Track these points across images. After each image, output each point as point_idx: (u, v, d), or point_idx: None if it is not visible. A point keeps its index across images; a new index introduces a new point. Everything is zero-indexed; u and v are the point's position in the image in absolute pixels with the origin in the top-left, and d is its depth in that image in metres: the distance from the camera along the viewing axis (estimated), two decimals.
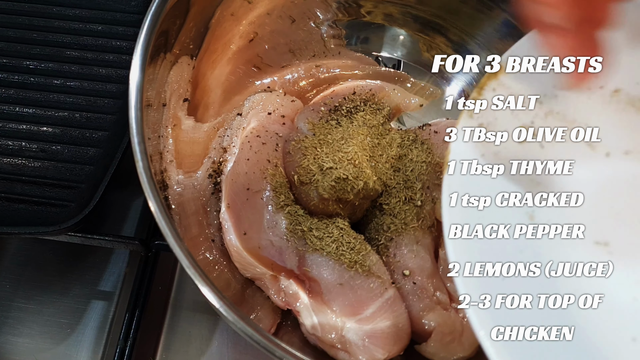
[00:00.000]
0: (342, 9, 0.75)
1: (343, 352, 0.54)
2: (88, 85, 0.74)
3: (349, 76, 0.74)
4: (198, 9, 0.62)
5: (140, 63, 0.52)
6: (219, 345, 0.68)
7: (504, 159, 0.41)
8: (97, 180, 0.64)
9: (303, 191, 0.58)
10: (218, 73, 0.68)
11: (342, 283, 0.54)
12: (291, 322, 0.59)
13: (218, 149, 0.63)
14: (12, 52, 0.77)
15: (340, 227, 0.58)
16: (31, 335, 0.67)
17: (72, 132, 0.71)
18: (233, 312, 0.44)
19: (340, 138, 0.60)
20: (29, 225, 0.63)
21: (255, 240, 0.56)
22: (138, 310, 0.65)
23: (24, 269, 0.72)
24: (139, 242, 0.66)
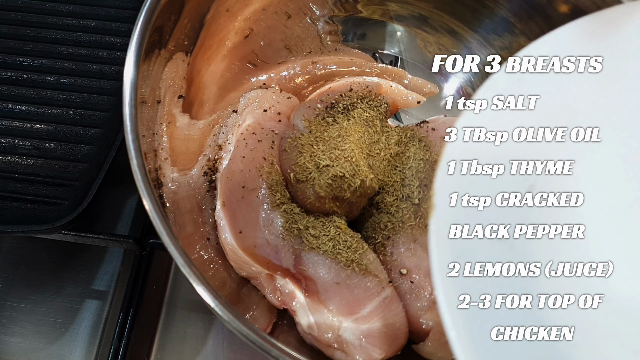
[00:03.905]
0: (338, 4, 0.75)
1: (340, 352, 0.54)
2: (82, 82, 0.74)
3: (345, 73, 0.74)
4: (193, 5, 0.61)
5: (134, 59, 0.52)
6: (214, 345, 0.68)
7: (505, 159, 0.41)
8: (90, 178, 0.64)
9: (299, 189, 0.58)
10: (213, 70, 0.68)
11: (339, 282, 0.54)
12: (287, 321, 0.59)
13: (213, 146, 0.63)
14: (5, 48, 0.76)
15: (336, 225, 0.58)
16: (24, 335, 0.67)
17: (66, 130, 0.70)
18: (228, 311, 0.44)
19: (336, 135, 0.60)
20: (22, 223, 0.62)
21: (250, 238, 0.56)
22: (132, 309, 0.65)
23: (17, 267, 0.71)
24: (133, 241, 0.66)
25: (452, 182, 0.40)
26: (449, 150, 0.41)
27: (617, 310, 0.39)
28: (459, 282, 0.37)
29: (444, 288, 0.37)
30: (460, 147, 0.42)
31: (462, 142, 0.42)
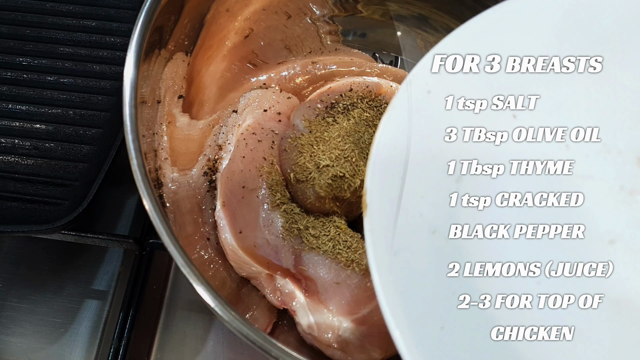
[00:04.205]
0: (338, 4, 0.75)
1: (340, 352, 0.54)
2: (82, 82, 0.74)
3: (345, 73, 0.74)
4: (193, 5, 0.61)
5: (134, 59, 0.52)
6: (214, 345, 0.67)
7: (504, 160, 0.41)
8: (90, 178, 0.64)
9: (299, 189, 0.58)
10: (213, 70, 0.68)
11: (339, 282, 0.54)
12: (287, 321, 0.59)
13: (213, 146, 0.63)
14: (5, 48, 0.76)
15: (337, 225, 0.58)
16: (24, 335, 0.67)
17: (66, 130, 0.70)
18: (228, 311, 0.44)
19: (336, 135, 0.59)
20: (22, 223, 0.62)
21: (250, 238, 0.56)
22: (132, 309, 0.65)
23: (17, 267, 0.71)
24: (133, 241, 0.66)
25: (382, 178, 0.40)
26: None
27: (617, 310, 0.39)
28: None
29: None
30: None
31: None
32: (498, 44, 0.45)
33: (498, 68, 0.44)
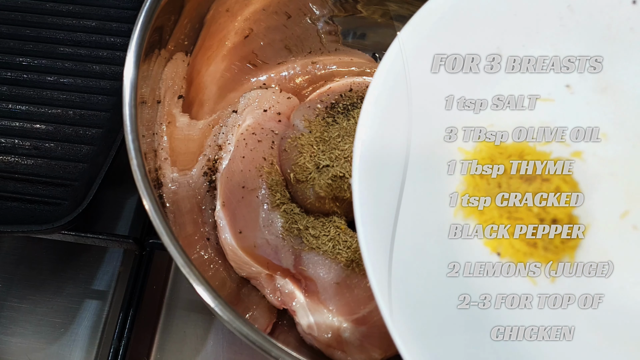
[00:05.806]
0: (338, 4, 0.75)
1: (339, 352, 0.54)
2: (82, 82, 0.74)
3: (345, 73, 0.74)
4: (193, 5, 0.61)
5: (134, 59, 0.52)
6: (214, 345, 0.67)
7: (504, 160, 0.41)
8: (90, 178, 0.64)
9: (299, 189, 0.58)
10: (213, 70, 0.68)
11: (339, 282, 0.54)
12: (287, 321, 0.59)
13: (213, 146, 0.63)
14: (5, 48, 0.76)
15: (336, 225, 0.58)
16: (24, 335, 0.67)
17: (66, 130, 0.70)
18: (228, 311, 0.44)
19: (336, 135, 0.60)
20: (22, 223, 0.62)
21: (250, 238, 0.56)
22: (132, 309, 0.64)
23: (17, 267, 0.71)
24: (133, 241, 0.66)
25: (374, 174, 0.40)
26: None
27: (617, 310, 0.39)
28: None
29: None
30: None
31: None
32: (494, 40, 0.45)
33: (498, 68, 0.44)
